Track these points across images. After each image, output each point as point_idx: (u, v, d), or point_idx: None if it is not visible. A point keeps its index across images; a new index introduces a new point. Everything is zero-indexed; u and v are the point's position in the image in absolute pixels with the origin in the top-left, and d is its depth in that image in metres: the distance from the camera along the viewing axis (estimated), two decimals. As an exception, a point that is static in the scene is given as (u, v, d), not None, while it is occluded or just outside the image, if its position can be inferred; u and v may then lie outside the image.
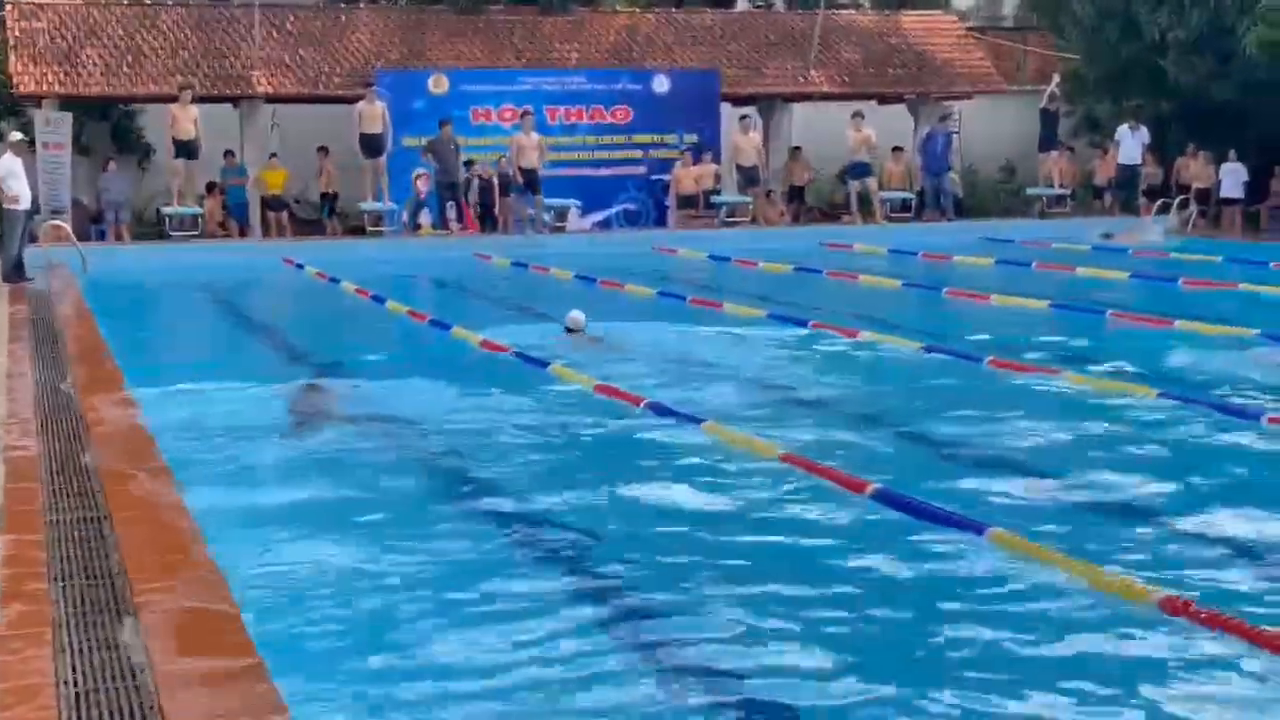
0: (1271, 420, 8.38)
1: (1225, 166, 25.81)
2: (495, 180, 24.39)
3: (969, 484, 7.34)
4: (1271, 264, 18.21)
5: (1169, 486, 7.29)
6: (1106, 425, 8.68)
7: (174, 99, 23.33)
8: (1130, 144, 26.31)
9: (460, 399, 9.95)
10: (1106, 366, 10.81)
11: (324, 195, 25.20)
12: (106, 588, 5.02)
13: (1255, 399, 9.35)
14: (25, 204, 18.15)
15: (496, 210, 24.54)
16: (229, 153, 24.66)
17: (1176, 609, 5.01)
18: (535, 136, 23.90)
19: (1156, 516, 6.72)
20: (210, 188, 24.45)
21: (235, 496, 7.12)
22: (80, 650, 4.41)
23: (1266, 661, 4.65)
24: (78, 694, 4.08)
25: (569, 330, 12.88)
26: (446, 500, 7.28)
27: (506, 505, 7.12)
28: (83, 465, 7.04)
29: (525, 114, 24.27)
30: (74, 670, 4.25)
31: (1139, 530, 6.50)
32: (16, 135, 18.92)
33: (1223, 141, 25.87)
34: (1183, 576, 5.59)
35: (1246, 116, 25.68)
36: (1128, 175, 26.58)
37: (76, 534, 5.73)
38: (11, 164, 17.90)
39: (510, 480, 7.61)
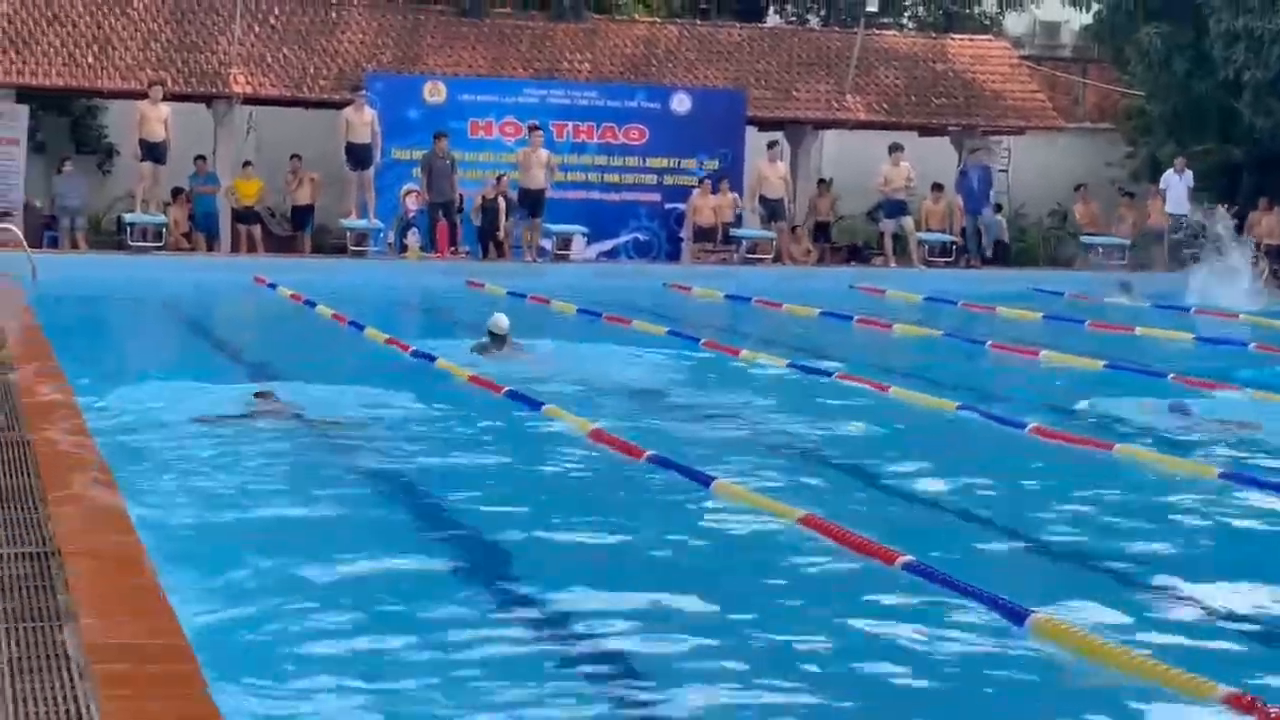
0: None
1: (1303, 223, 25.85)
2: (501, 201, 24.40)
3: (1005, 563, 7.35)
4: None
5: (1230, 576, 7.29)
6: (1162, 506, 8.69)
7: (143, 95, 23.48)
8: (1178, 189, 26.32)
9: (442, 437, 10.00)
10: (1166, 439, 10.81)
11: (297, 209, 25.23)
12: (53, 630, 5.02)
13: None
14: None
15: (501, 234, 24.58)
16: (200, 158, 24.72)
17: (1244, 706, 5.01)
18: (544, 154, 23.97)
19: (1212, 605, 6.72)
20: (176, 194, 24.49)
21: (197, 532, 7.20)
22: (21, 700, 4.41)
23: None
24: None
25: (491, 335, 13.19)
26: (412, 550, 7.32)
27: (489, 561, 7.15)
28: (29, 493, 7.04)
29: (533, 129, 24.35)
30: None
31: (1195, 620, 6.50)
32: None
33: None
34: (1246, 671, 5.58)
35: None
36: (1176, 225, 26.64)
37: (19, 570, 5.72)
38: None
39: (487, 529, 7.65)
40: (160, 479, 8.30)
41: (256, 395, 10.76)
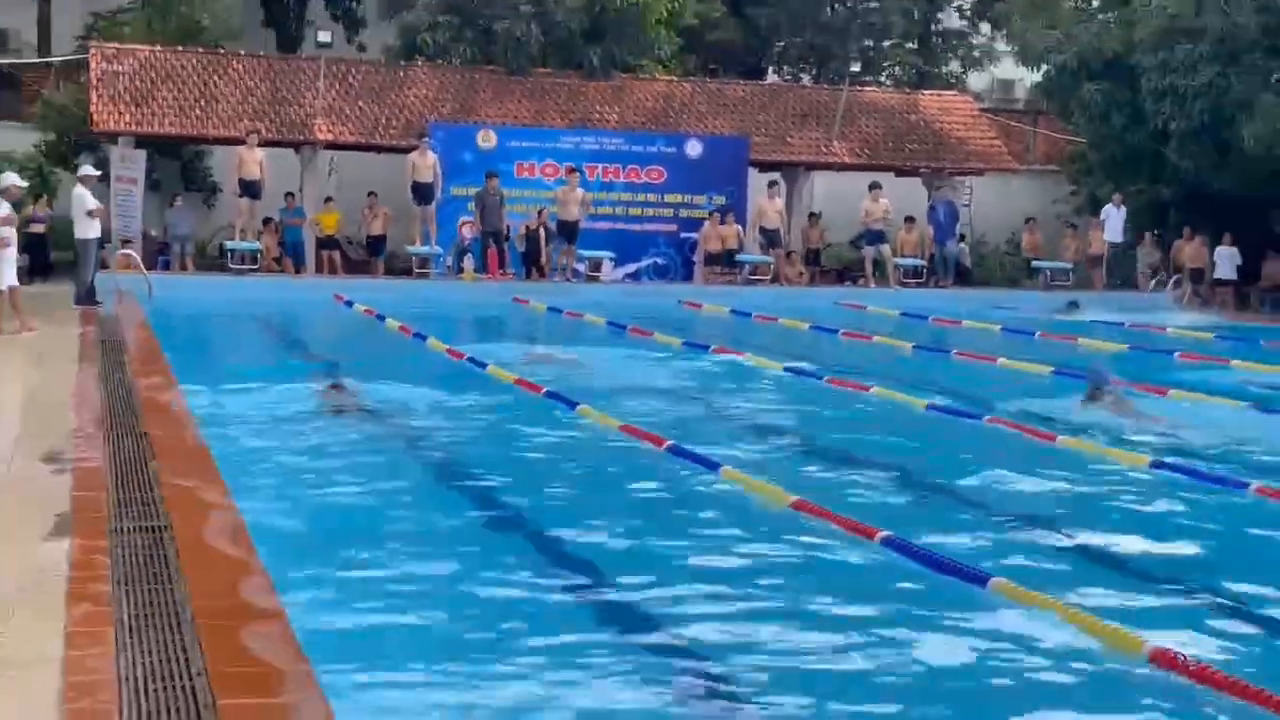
0: (1259, 490, 8.32)
1: (1219, 250, 25.81)
2: (541, 230, 24.49)
3: (967, 533, 7.33)
4: (1262, 342, 18.15)
5: (1153, 546, 7.27)
6: (1099, 487, 8.66)
7: (241, 142, 23.55)
8: (1115, 221, 26.36)
9: (493, 429, 10.03)
10: (1102, 431, 10.76)
11: (371, 238, 25.28)
12: (165, 592, 5.05)
13: (1240, 468, 9.30)
14: (96, 233, 18.34)
15: (542, 259, 24.61)
16: (289, 194, 24.81)
17: (1166, 661, 4.99)
18: (580, 192, 24.11)
19: (1141, 571, 6.70)
20: (267, 224, 24.56)
21: (288, 509, 7.21)
22: (139, 649, 4.43)
23: (1254, 717, 4.62)
24: (136, 690, 4.10)
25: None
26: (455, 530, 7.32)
27: (533, 531, 7.16)
28: (146, 477, 7.08)
29: (571, 171, 24.44)
30: (133, 667, 4.27)
31: (1127, 584, 6.48)
32: (88, 169, 19.10)
33: (1218, 226, 25.84)
34: (1172, 629, 5.56)
35: (1242, 204, 25.67)
36: (1115, 252, 26.60)
37: (138, 541, 5.76)
38: (82, 195, 18.11)
39: (532, 508, 7.65)
40: (255, 465, 8.31)
41: (331, 388, 10.79)
